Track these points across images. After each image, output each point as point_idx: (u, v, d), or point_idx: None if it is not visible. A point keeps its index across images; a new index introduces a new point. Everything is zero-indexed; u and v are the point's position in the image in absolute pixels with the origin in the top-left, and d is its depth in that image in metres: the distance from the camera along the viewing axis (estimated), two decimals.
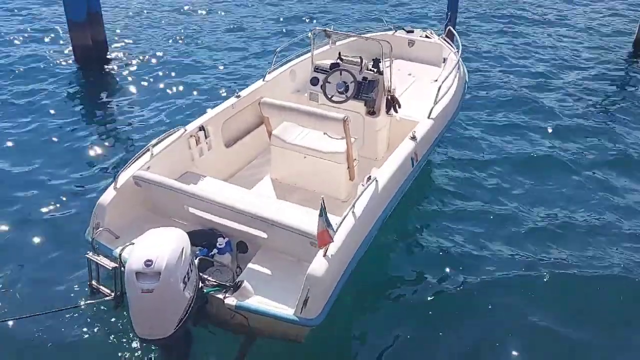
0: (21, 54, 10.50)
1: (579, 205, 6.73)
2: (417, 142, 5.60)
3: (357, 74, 6.23)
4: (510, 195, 6.89)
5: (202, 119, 5.97)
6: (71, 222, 6.03)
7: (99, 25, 10.24)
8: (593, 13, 14.71)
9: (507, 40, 12.45)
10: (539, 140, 8.21)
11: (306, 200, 5.53)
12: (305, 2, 14.82)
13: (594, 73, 10.70)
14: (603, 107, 9.35)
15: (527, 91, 9.80)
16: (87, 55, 10.09)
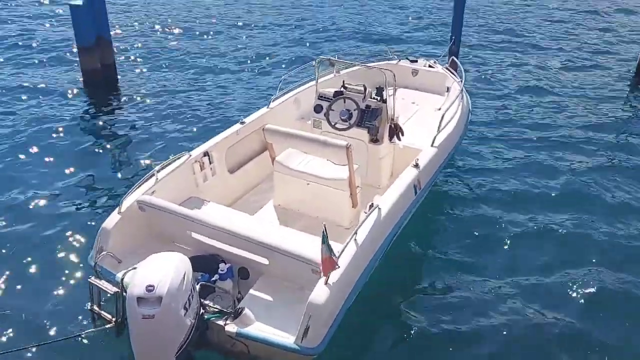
0: (30, 77, 10.66)
1: (586, 235, 6.72)
2: (420, 170, 5.64)
3: (360, 101, 6.32)
4: (514, 222, 6.88)
5: (207, 144, 6.04)
6: (74, 245, 6.04)
7: (108, 50, 10.41)
8: (598, 39, 14.90)
9: (510, 66, 12.59)
10: (543, 167, 8.22)
11: (309, 227, 5.54)
12: (310, 31, 15.07)
13: (600, 100, 10.79)
14: (610, 132, 9.42)
15: (532, 119, 9.87)
16: (96, 79, 10.24)
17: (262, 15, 16.22)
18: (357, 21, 16.43)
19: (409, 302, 5.55)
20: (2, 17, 14.15)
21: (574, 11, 18.32)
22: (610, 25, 16.49)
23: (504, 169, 8.14)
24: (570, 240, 6.58)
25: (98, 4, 9.88)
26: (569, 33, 15.81)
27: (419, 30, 15.55)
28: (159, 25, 14.38)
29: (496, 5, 18.68)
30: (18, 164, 7.73)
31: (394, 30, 15.63)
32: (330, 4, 18.19)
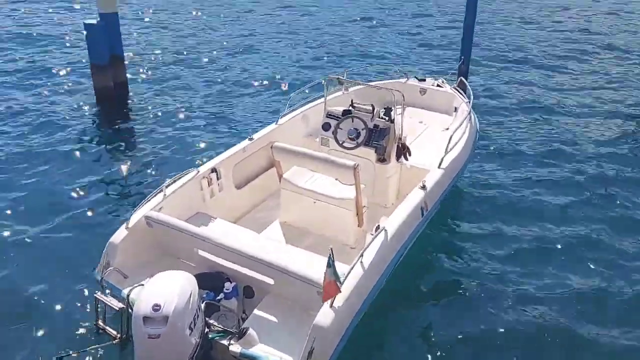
0: (43, 93, 10.83)
1: (594, 250, 6.73)
2: (427, 191, 5.63)
3: (368, 121, 6.34)
4: (521, 240, 6.87)
5: (215, 160, 6.08)
6: (81, 259, 6.06)
7: (121, 68, 10.57)
8: (607, 59, 14.94)
9: (519, 86, 12.62)
10: (551, 188, 8.19)
11: (314, 245, 5.55)
12: (319, 50, 15.26)
13: (609, 119, 10.79)
14: (620, 150, 9.44)
15: (540, 140, 9.85)
16: (108, 96, 10.38)
17: (272, 34, 16.46)
18: (366, 39, 16.63)
19: (415, 323, 5.50)
20: (18, 34, 14.42)
21: (584, 32, 18.44)
22: (619, 46, 16.56)
23: (511, 190, 8.09)
24: (578, 257, 6.56)
25: (112, 23, 10.09)
26: (578, 53, 15.88)
27: (428, 50, 15.69)
28: (170, 44, 14.63)
29: (505, 26, 18.84)
30: (28, 178, 7.82)
31: (403, 49, 15.78)
32: (340, 23, 18.41)
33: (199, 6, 19.18)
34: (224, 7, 19.30)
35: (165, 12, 17.96)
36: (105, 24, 9.91)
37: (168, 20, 16.97)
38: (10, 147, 8.68)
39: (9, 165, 8.16)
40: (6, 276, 5.86)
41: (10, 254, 6.20)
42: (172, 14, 17.79)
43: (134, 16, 17.14)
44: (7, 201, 7.21)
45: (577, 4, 23.96)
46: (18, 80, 11.45)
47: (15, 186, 7.60)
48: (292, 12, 19.57)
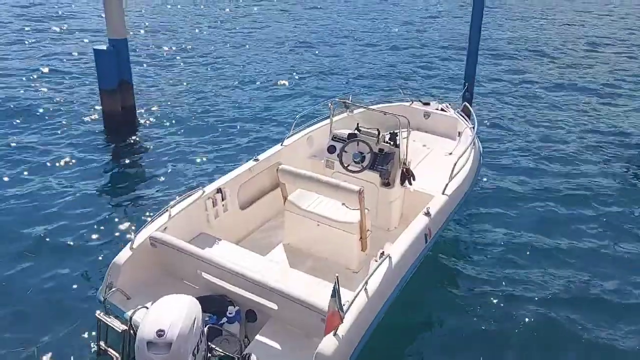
0: (51, 116, 10.95)
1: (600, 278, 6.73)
2: (431, 218, 5.65)
3: (373, 145, 6.38)
4: (524, 267, 6.86)
5: (220, 181, 6.11)
6: (85, 279, 6.08)
7: (129, 93, 10.70)
8: (612, 84, 15.03)
9: (523, 112, 12.68)
10: (554, 214, 8.20)
11: (318, 269, 5.55)
12: (325, 71, 15.43)
13: (616, 145, 10.81)
14: (626, 180, 9.43)
15: (544, 165, 9.87)
16: (116, 120, 10.50)
17: (278, 58, 16.67)
18: (371, 62, 16.82)
19: (419, 350, 5.46)
20: (27, 57, 14.62)
21: (589, 55, 18.61)
22: (625, 70, 16.71)
23: (514, 215, 8.11)
24: (586, 288, 6.54)
25: (122, 49, 10.22)
26: (584, 77, 16.02)
27: (433, 74, 15.83)
28: (177, 68, 14.83)
29: (509, 51, 18.98)
30: (34, 198, 7.87)
31: (408, 72, 15.93)
32: (345, 46, 18.63)
33: (206, 32, 19.50)
34: (231, 33, 19.63)
35: (172, 38, 18.24)
36: (115, 49, 10.05)
37: (175, 45, 17.22)
38: (17, 166, 8.76)
39: (16, 183, 8.25)
40: (9, 295, 5.85)
41: (14, 272, 6.22)
42: (180, 39, 18.06)
43: (143, 42, 17.41)
44: (12, 219, 7.27)
45: (582, 27, 24.24)
46: (27, 101, 11.59)
47: (21, 205, 7.66)
48: (299, 36, 19.84)
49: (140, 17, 21.59)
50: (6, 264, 6.36)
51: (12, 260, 6.42)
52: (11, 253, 6.57)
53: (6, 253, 6.56)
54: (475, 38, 10.71)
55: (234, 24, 21.05)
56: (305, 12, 25.14)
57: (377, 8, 27.72)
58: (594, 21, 26.16)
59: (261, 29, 20.58)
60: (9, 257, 6.48)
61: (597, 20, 26.69)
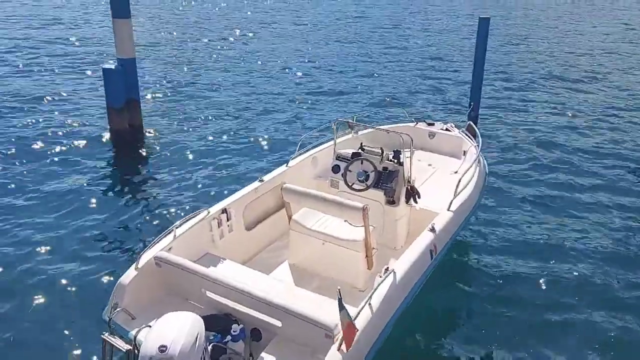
0: (59, 135, 11.11)
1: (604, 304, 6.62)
2: (436, 233, 5.62)
3: (377, 163, 6.40)
4: (529, 286, 6.82)
5: (225, 201, 6.13)
6: (90, 299, 6.09)
7: (136, 111, 10.87)
8: (617, 106, 15.04)
9: (530, 132, 12.71)
10: (561, 235, 8.15)
11: (323, 287, 5.51)
12: (329, 92, 15.58)
13: (622, 166, 10.78)
14: (633, 197, 9.37)
15: (550, 185, 9.86)
16: (123, 138, 10.65)
17: (284, 77, 16.89)
18: (376, 83, 16.96)
19: None
20: (36, 77, 14.91)
21: (594, 76, 18.69)
22: (631, 88, 16.73)
23: (521, 231, 8.10)
24: (595, 304, 6.51)
25: (130, 68, 10.41)
26: (589, 96, 16.07)
27: (438, 95, 15.95)
28: (184, 88, 15.04)
29: (514, 71, 19.13)
30: (39, 215, 7.94)
31: (413, 93, 16.04)
32: (351, 67, 18.86)
33: (213, 53, 19.83)
34: (237, 54, 19.94)
35: (180, 57, 18.57)
36: (123, 68, 10.25)
37: (183, 65, 17.52)
38: (23, 184, 8.86)
39: (20, 200, 8.32)
40: (13, 316, 5.87)
41: (19, 293, 6.24)
42: (187, 59, 18.39)
43: (151, 61, 17.72)
44: (17, 239, 7.32)
45: (589, 45, 24.41)
46: (35, 120, 11.79)
47: (26, 224, 7.71)
48: (304, 58, 20.14)
49: (149, 36, 22.04)
50: (10, 283, 6.39)
51: (15, 280, 6.45)
52: (15, 272, 6.60)
53: (10, 272, 6.59)
54: (481, 59, 10.82)
55: (241, 46, 21.39)
56: (310, 35, 25.54)
57: (382, 30, 28.16)
58: (600, 41, 26.35)
59: (267, 51, 20.89)
60: (13, 277, 6.51)
61: (602, 39, 26.90)
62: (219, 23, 26.71)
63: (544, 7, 41.67)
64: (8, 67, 15.89)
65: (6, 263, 6.79)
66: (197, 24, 26.17)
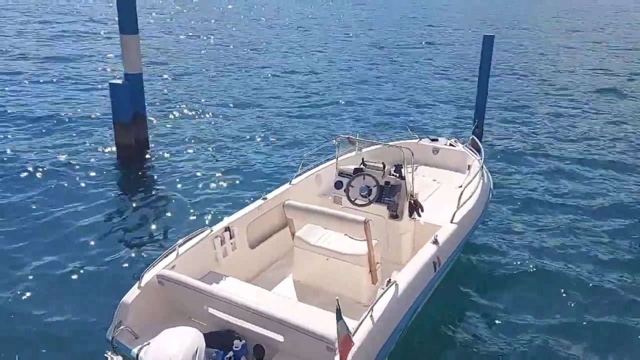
0: (65, 148, 11.23)
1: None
2: (439, 246, 5.59)
3: (379, 178, 6.41)
4: (534, 301, 6.75)
5: (229, 219, 6.15)
6: (93, 318, 6.08)
7: (143, 126, 10.93)
8: (619, 123, 14.96)
9: (535, 147, 12.70)
10: (565, 247, 8.09)
11: (327, 303, 5.46)
12: (332, 110, 15.68)
13: (626, 186, 10.68)
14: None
15: (555, 198, 9.82)
16: (129, 153, 10.70)
17: (286, 96, 17.01)
18: (380, 100, 17.05)
19: None
20: (43, 92, 15.14)
21: (600, 90, 18.69)
22: (635, 101, 16.67)
23: (526, 244, 8.06)
24: (600, 320, 6.40)
25: (137, 83, 10.52)
26: (593, 109, 16.03)
27: (442, 111, 15.99)
28: (190, 104, 15.18)
29: (519, 87, 19.18)
30: (42, 232, 7.97)
31: (417, 109, 16.09)
32: (355, 85, 19.01)
33: (218, 68, 20.09)
34: (242, 70, 20.19)
35: (186, 74, 18.81)
36: (130, 84, 10.34)
37: (188, 81, 17.75)
38: (27, 198, 8.92)
39: (24, 214, 8.37)
40: (17, 332, 5.88)
41: (23, 311, 6.24)
42: (193, 75, 18.62)
43: (158, 76, 17.97)
44: (21, 256, 7.34)
45: (591, 61, 24.42)
46: (42, 133, 11.94)
47: (30, 241, 7.73)
48: (305, 74, 20.34)
49: (156, 52, 22.32)
50: (12, 300, 6.40)
51: (18, 297, 6.46)
52: (17, 288, 6.61)
53: (12, 288, 6.61)
54: (485, 76, 10.88)
55: (246, 63, 21.59)
56: (314, 52, 25.78)
57: (385, 46, 28.43)
58: (606, 54, 26.38)
59: (272, 68, 21.08)
60: (15, 293, 6.52)
61: (608, 52, 26.93)
62: (224, 39, 27.03)
63: (550, 25, 41.96)
64: (16, 80, 16.08)
65: (8, 279, 6.81)
66: (203, 39, 26.49)
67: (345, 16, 39.51)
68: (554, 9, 53.42)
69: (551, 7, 59.34)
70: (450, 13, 50.59)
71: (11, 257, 7.29)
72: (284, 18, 36.51)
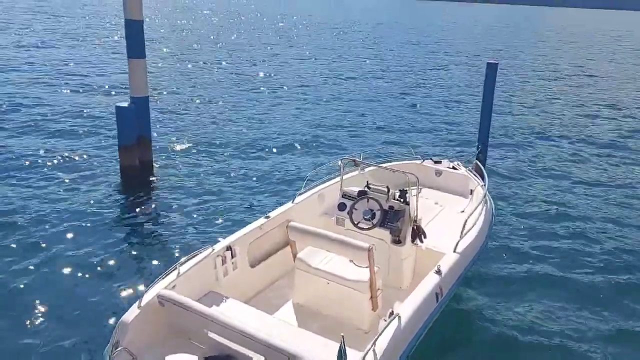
0: (70, 169, 11.25)
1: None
2: (442, 276, 5.56)
3: (383, 202, 6.39)
4: (538, 332, 6.65)
5: (230, 238, 6.11)
6: (92, 336, 6.02)
7: (147, 148, 10.97)
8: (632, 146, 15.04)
9: (537, 173, 12.71)
10: (567, 276, 8.03)
11: (327, 328, 5.43)
12: (336, 129, 15.76)
13: (629, 216, 10.67)
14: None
15: (558, 227, 9.77)
16: (133, 175, 10.72)
17: (291, 115, 17.12)
18: (383, 121, 17.13)
19: None
20: (49, 113, 15.19)
21: (607, 112, 18.76)
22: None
23: (528, 272, 8.00)
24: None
25: (142, 106, 10.57)
26: (598, 134, 16.10)
27: (445, 133, 16.05)
28: (193, 125, 15.26)
29: (522, 113, 19.27)
30: (44, 250, 7.93)
31: (420, 131, 16.15)
32: (358, 105, 19.11)
33: (222, 90, 20.23)
34: (247, 92, 20.34)
35: (192, 96, 18.92)
36: (136, 107, 10.39)
37: (193, 103, 17.85)
38: (31, 216, 8.89)
39: (28, 234, 8.34)
40: (14, 349, 5.80)
41: (19, 326, 6.18)
42: (199, 98, 18.73)
43: (164, 99, 18.08)
44: (21, 273, 7.29)
45: (599, 83, 24.55)
46: (47, 153, 11.98)
47: (32, 256, 7.71)
48: (310, 94, 20.45)
49: (162, 75, 22.51)
50: (11, 317, 6.35)
51: (17, 314, 6.41)
52: (17, 302, 6.57)
53: (12, 305, 6.56)
54: (488, 102, 10.85)
55: (250, 86, 21.78)
56: (318, 72, 26.03)
57: (390, 69, 28.60)
58: (610, 80, 26.54)
59: (276, 90, 21.28)
60: (14, 310, 6.47)
61: (612, 78, 27.09)
62: (229, 62, 27.23)
63: (554, 52, 42.23)
64: (22, 101, 16.19)
65: (8, 296, 6.76)
66: (208, 62, 26.71)
67: (352, 41, 39.75)
68: (566, 32, 53.82)
69: (562, 28, 59.66)
70: (456, 37, 50.93)
71: (12, 273, 7.24)
72: (290, 43, 36.69)
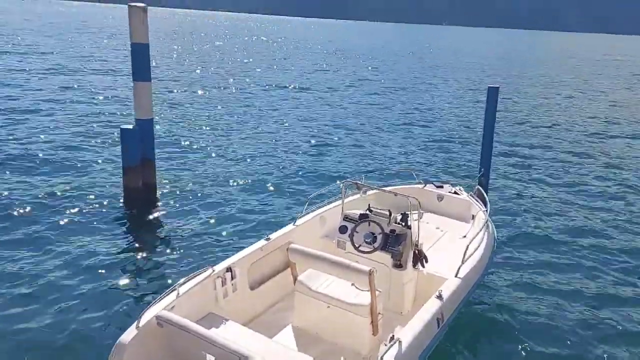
0: (73, 188, 11.27)
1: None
2: (443, 301, 5.51)
3: (385, 226, 6.38)
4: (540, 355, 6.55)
5: (231, 260, 6.09)
6: (88, 357, 5.94)
7: (151, 170, 10.96)
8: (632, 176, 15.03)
9: (539, 198, 12.65)
10: (570, 305, 7.94)
11: (327, 353, 5.38)
12: (338, 152, 15.84)
13: (632, 239, 10.63)
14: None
15: (561, 249, 9.71)
16: (136, 196, 10.72)
17: (293, 138, 17.21)
18: (386, 144, 17.22)
19: None
20: (53, 135, 15.30)
21: (607, 138, 18.81)
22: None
23: (531, 298, 7.87)
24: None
25: (147, 128, 10.62)
26: (601, 160, 16.10)
27: (447, 158, 16.09)
28: (197, 147, 15.36)
29: (524, 137, 19.33)
30: (45, 271, 7.88)
31: (422, 156, 16.18)
32: (360, 128, 19.23)
33: (226, 113, 20.40)
34: (250, 115, 20.53)
35: (196, 120, 19.09)
36: (140, 129, 10.43)
37: (198, 127, 17.99)
38: (33, 237, 8.88)
39: (30, 255, 8.30)
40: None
41: (17, 345, 6.12)
42: (203, 121, 18.89)
43: (169, 121, 18.25)
44: (17, 291, 7.25)
45: (602, 108, 24.67)
46: (50, 174, 12.03)
47: (31, 276, 7.66)
48: (312, 119, 20.59)
49: (166, 97, 22.74)
50: (9, 335, 6.29)
51: (14, 332, 6.35)
52: (16, 321, 6.51)
53: (9, 324, 6.50)
54: (490, 126, 10.88)
55: (254, 108, 22.01)
56: (320, 96, 26.23)
57: (392, 92, 28.83)
58: (615, 108, 26.70)
59: (279, 111, 21.49)
60: (12, 329, 6.41)
61: (616, 106, 27.26)
62: (234, 85, 27.52)
63: (556, 78, 42.63)
64: (27, 123, 16.34)
65: (9, 314, 6.71)
66: (212, 85, 27.02)
67: (355, 65, 40.30)
68: (565, 55, 54.40)
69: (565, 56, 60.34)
70: (459, 60, 51.47)
71: (13, 293, 7.22)
72: (294, 67, 37.17)
